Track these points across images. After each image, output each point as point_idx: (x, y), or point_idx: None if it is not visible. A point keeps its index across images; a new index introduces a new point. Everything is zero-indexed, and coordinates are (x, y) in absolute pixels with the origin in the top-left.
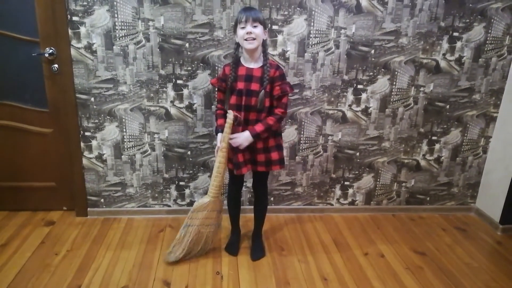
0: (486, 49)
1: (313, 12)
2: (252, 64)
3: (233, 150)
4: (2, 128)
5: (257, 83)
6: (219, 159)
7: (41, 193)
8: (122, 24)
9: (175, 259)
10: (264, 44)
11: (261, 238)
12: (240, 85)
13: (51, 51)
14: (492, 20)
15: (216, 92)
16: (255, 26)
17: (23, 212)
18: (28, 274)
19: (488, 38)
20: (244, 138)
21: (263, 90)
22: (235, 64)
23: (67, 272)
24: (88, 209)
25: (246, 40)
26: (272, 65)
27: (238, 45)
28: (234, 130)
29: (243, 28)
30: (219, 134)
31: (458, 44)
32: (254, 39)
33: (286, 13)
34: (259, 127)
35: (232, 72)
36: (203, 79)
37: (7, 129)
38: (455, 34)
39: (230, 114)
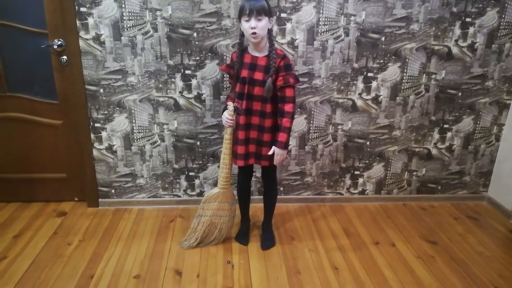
0: (499, 34)
1: None
2: (257, 53)
3: (235, 143)
4: (12, 120)
5: (260, 72)
6: (223, 150)
7: (53, 184)
8: (130, 14)
9: (189, 247)
10: (270, 33)
11: (271, 227)
12: (244, 73)
13: (59, 42)
14: (506, 5)
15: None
16: (259, 19)
17: (35, 203)
18: (41, 264)
19: (501, 23)
20: (278, 154)
21: (269, 79)
22: (241, 51)
23: (80, 262)
24: (99, 199)
25: (251, 34)
26: (278, 55)
27: (243, 34)
28: (235, 121)
29: (247, 21)
30: (225, 112)
31: (471, 30)
32: (257, 36)
33: (294, 0)
34: (282, 137)
35: (238, 60)
36: (212, 69)
37: (17, 121)
38: (468, 19)
39: (230, 105)
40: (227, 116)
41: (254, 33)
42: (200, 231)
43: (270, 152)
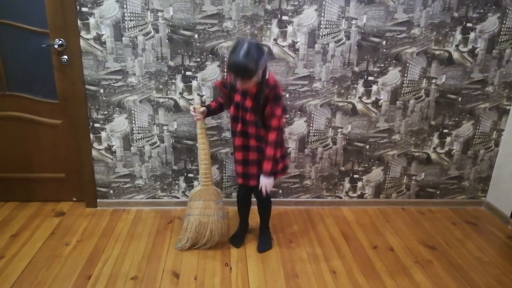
0: (500, 40)
1: (324, 2)
2: None
3: (234, 162)
4: (12, 119)
5: (251, 100)
6: (198, 146)
7: (51, 184)
8: (131, 15)
9: (181, 248)
10: (264, 70)
11: (268, 230)
12: (237, 97)
13: (60, 42)
14: (507, 10)
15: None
16: (245, 81)
17: (33, 203)
18: (39, 264)
19: (502, 29)
20: (265, 183)
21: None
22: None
23: (77, 262)
24: (98, 200)
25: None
26: (269, 85)
27: None
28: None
29: (234, 78)
30: (204, 108)
31: (472, 35)
32: (243, 89)
33: (296, 3)
34: (266, 166)
35: (231, 83)
36: (212, 70)
37: (17, 120)
38: (469, 24)
39: (197, 99)
40: (191, 109)
41: (240, 90)
42: (191, 230)
43: (263, 189)
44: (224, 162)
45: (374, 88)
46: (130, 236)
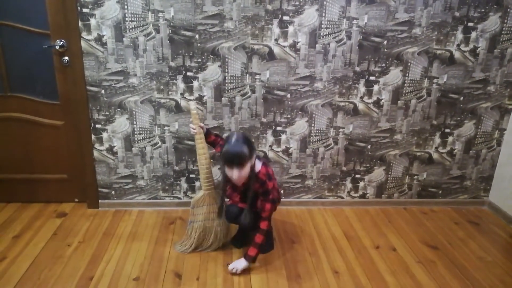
0: (501, 39)
1: (325, 2)
2: None
3: (232, 190)
4: (14, 120)
5: (241, 186)
6: (198, 151)
7: (53, 185)
8: (132, 15)
9: (182, 252)
10: (252, 166)
11: (270, 231)
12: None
13: (61, 43)
14: (509, 10)
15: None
16: (241, 168)
17: (35, 204)
18: (41, 265)
19: (504, 28)
20: (241, 265)
21: (248, 214)
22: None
23: (79, 263)
24: (100, 201)
25: (235, 179)
26: (258, 179)
27: None
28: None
29: (229, 169)
30: (204, 126)
31: (473, 35)
32: (240, 181)
33: (297, 3)
34: (252, 251)
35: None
36: (213, 71)
37: (19, 121)
38: (470, 24)
39: (192, 104)
40: (191, 125)
41: (237, 181)
42: (194, 237)
43: (230, 267)
44: None
45: (376, 88)
46: (132, 237)
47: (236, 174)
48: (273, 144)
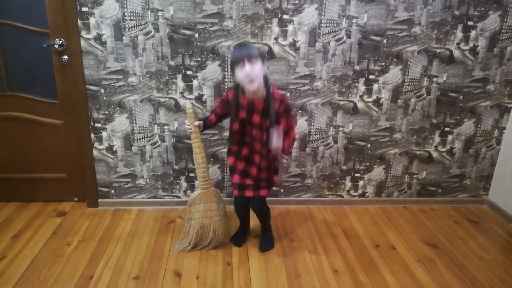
0: (501, 38)
1: (325, 1)
2: (255, 97)
3: (232, 171)
4: (13, 119)
5: (258, 115)
6: (194, 150)
7: (53, 184)
8: (132, 14)
9: (182, 250)
10: (265, 78)
11: (270, 230)
12: (242, 114)
13: (60, 42)
14: (508, 8)
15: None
16: (253, 63)
17: (34, 203)
18: (41, 264)
19: (503, 27)
20: (276, 137)
21: (274, 132)
22: (237, 91)
23: (79, 262)
24: (99, 200)
25: (248, 82)
26: (276, 99)
27: (238, 84)
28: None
29: (241, 68)
30: (200, 122)
31: (473, 33)
32: (254, 80)
33: (297, 2)
34: (288, 135)
35: (234, 100)
36: (213, 70)
37: (18, 120)
38: (470, 23)
39: (188, 104)
40: (186, 122)
41: (251, 79)
42: (193, 235)
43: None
44: (225, 161)
45: (375, 86)
46: (131, 236)
47: (249, 69)
48: None
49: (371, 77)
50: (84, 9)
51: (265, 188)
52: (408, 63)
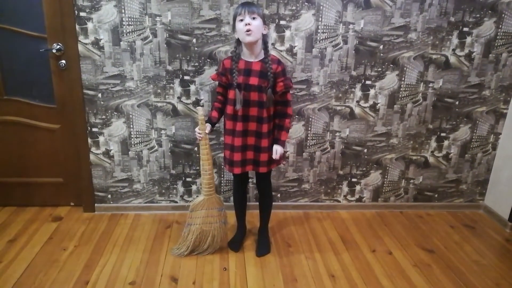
0: (496, 44)
1: (321, 7)
2: (252, 58)
3: (231, 150)
4: (10, 124)
5: (256, 77)
6: (201, 157)
7: (49, 188)
8: (129, 19)
9: (179, 255)
10: (264, 40)
11: (267, 234)
12: (239, 79)
13: (58, 46)
14: (503, 15)
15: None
16: (253, 18)
17: (30, 208)
18: (36, 269)
19: (498, 33)
20: (280, 150)
21: (270, 90)
22: (236, 58)
23: (75, 267)
24: (96, 204)
25: (245, 32)
26: (273, 60)
27: (238, 43)
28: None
29: (241, 20)
30: (208, 125)
31: (468, 40)
32: (251, 32)
33: (294, 8)
34: (284, 136)
35: (232, 66)
36: (210, 75)
37: (15, 125)
38: (465, 29)
39: (200, 110)
40: (197, 130)
41: (248, 30)
42: (191, 240)
43: (274, 155)
44: (222, 166)
45: (372, 92)
46: (128, 241)
47: (249, 21)
48: None
49: (368, 82)
50: (82, 14)
51: (266, 165)
52: (405, 68)
